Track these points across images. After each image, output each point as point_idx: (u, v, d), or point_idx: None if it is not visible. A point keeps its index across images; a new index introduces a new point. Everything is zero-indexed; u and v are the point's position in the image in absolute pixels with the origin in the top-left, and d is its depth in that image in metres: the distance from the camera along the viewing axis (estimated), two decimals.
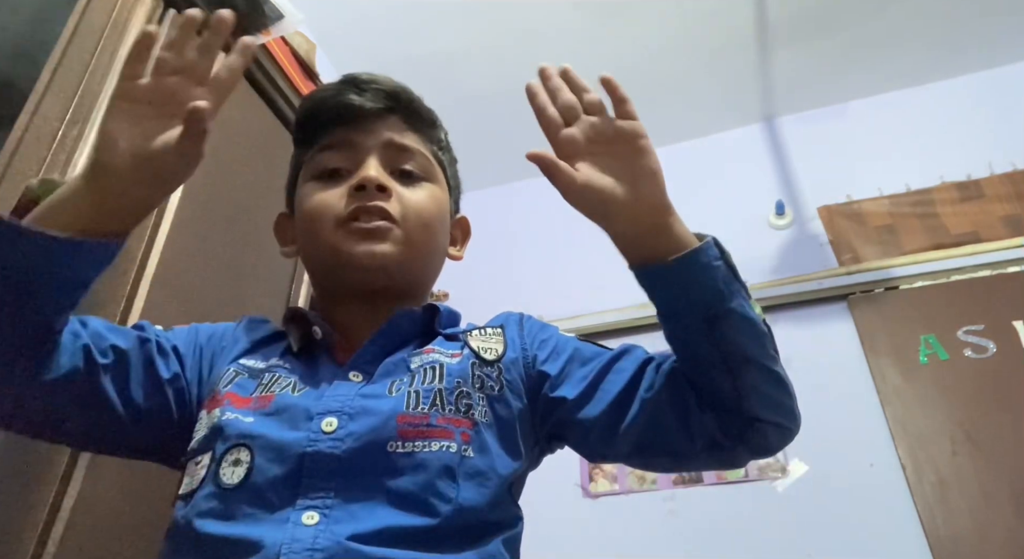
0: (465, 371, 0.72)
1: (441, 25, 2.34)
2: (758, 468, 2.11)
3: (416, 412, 0.66)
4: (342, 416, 0.65)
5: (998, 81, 2.51)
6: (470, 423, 0.68)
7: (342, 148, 0.80)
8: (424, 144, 0.84)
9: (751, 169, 2.68)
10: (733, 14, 2.33)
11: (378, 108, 0.81)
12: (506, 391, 0.74)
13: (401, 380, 0.70)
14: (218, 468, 0.64)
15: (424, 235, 0.79)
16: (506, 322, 0.83)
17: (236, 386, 0.71)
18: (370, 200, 0.75)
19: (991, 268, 2.18)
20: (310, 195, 0.79)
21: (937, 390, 2.05)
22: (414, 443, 0.64)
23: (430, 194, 0.81)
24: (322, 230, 0.76)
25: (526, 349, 0.79)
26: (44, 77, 0.98)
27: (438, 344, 0.77)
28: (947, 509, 1.88)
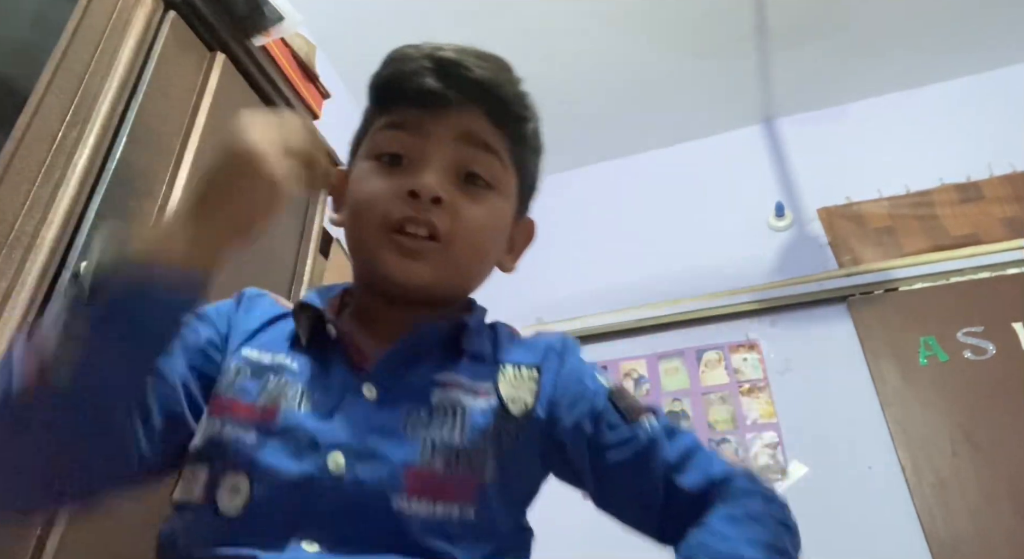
0: (487, 426, 0.66)
1: (441, 27, 2.34)
2: (758, 470, 2.11)
3: (428, 468, 0.62)
4: (350, 454, 0.61)
5: (997, 83, 2.52)
6: (477, 482, 0.63)
7: (409, 132, 0.71)
8: (504, 143, 0.73)
9: (751, 171, 2.68)
10: (733, 16, 2.34)
11: (462, 97, 0.70)
12: (520, 449, 0.68)
13: (418, 414, 0.65)
14: (215, 490, 0.61)
15: (470, 257, 0.71)
16: (544, 360, 0.73)
17: (238, 390, 0.66)
18: (422, 212, 0.67)
19: (991, 270, 2.18)
20: (364, 179, 0.72)
21: (937, 392, 2.05)
22: (420, 502, 0.60)
23: (490, 210, 0.72)
24: (366, 227, 0.69)
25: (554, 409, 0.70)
26: (44, 78, 0.98)
27: (464, 372, 0.69)
28: (947, 510, 1.88)
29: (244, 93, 1.40)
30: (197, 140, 1.21)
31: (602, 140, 2.83)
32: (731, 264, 2.48)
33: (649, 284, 2.53)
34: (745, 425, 2.20)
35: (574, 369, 0.74)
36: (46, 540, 0.84)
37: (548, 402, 0.70)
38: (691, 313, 2.43)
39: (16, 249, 0.88)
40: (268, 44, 1.46)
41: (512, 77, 0.75)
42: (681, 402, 2.31)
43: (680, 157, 2.82)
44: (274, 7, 1.38)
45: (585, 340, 2.50)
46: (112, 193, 1.03)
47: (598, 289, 2.59)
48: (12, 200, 0.90)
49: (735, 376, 2.30)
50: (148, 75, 1.15)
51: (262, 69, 1.44)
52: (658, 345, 2.44)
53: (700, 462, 0.69)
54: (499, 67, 0.74)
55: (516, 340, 0.77)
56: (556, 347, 0.75)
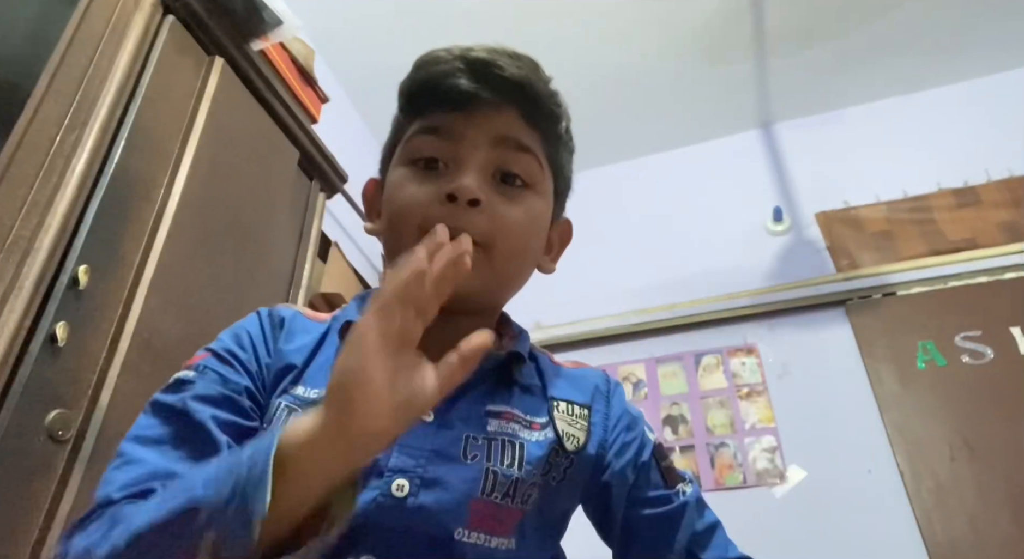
0: (543, 460, 0.66)
1: (439, 32, 2.34)
2: (756, 474, 2.11)
3: (490, 500, 0.62)
4: (414, 480, 0.60)
5: (995, 88, 2.52)
6: (522, 514, 0.64)
7: (444, 136, 0.69)
8: (539, 142, 0.72)
9: (749, 175, 2.68)
10: (731, 21, 2.34)
11: (495, 98, 0.69)
12: (564, 484, 0.68)
13: (475, 440, 0.65)
14: None
15: (511, 260, 0.70)
16: (593, 401, 0.74)
17: None
18: (460, 215, 0.65)
19: (988, 274, 2.18)
20: (401, 185, 0.70)
21: (935, 396, 2.05)
22: (479, 535, 0.61)
23: (528, 210, 0.71)
24: (405, 233, 0.67)
25: (603, 450, 0.72)
26: (43, 82, 0.98)
27: (517, 405, 0.69)
28: (945, 514, 1.88)
29: (243, 98, 1.40)
30: (195, 144, 1.21)
31: (601, 144, 2.83)
32: (729, 268, 2.48)
33: (647, 288, 2.54)
34: (744, 429, 2.20)
35: (624, 414, 0.76)
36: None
37: (598, 443, 0.72)
38: (689, 317, 2.43)
39: (13, 253, 0.88)
40: (267, 48, 1.46)
41: (544, 76, 0.73)
42: (680, 406, 2.31)
43: (679, 161, 2.82)
44: (273, 11, 1.38)
45: (584, 344, 2.50)
46: (110, 197, 1.03)
47: (597, 293, 2.59)
48: (10, 204, 0.90)
49: (733, 380, 2.30)
50: (146, 79, 1.15)
51: (261, 73, 1.44)
52: (657, 349, 2.44)
53: (721, 542, 0.73)
54: (531, 66, 0.72)
55: (562, 373, 0.77)
56: (603, 389, 0.76)
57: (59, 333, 0.89)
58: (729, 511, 2.33)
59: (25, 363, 0.85)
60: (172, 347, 1.08)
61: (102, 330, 0.98)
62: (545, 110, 0.73)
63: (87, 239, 0.97)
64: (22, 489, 0.84)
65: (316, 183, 1.64)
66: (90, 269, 0.96)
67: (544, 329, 2.56)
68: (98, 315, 0.98)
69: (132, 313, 1.02)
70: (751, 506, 2.06)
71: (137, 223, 1.08)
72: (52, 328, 0.89)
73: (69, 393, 0.91)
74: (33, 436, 0.86)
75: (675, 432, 2.27)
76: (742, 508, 2.05)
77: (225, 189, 1.29)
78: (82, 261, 0.95)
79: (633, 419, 0.76)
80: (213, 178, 1.25)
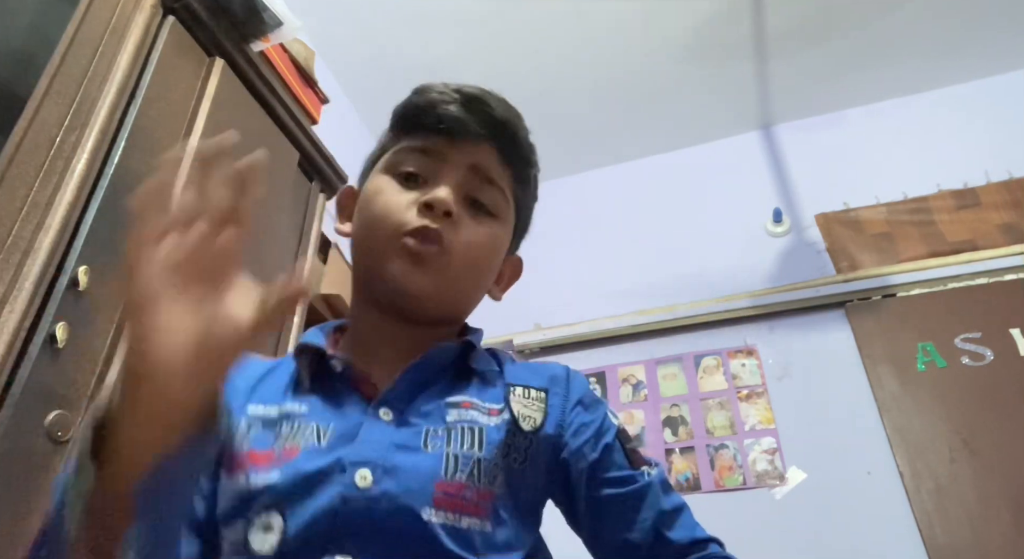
0: (502, 441, 0.70)
1: (438, 33, 2.35)
2: (756, 476, 2.11)
3: (454, 480, 0.64)
4: (376, 469, 0.63)
5: (994, 90, 2.53)
6: (492, 496, 0.67)
7: (428, 155, 0.77)
8: (508, 181, 0.80)
9: (749, 176, 2.68)
10: (731, 23, 2.34)
11: (479, 132, 0.77)
12: (527, 465, 0.71)
13: (435, 432, 0.68)
14: (247, 534, 0.62)
15: (467, 272, 0.76)
16: (551, 386, 0.78)
17: (253, 442, 0.67)
18: (433, 223, 0.72)
19: (988, 276, 2.18)
20: (380, 191, 0.76)
21: (935, 397, 2.05)
22: (447, 514, 0.63)
23: (490, 233, 0.78)
24: (379, 234, 0.74)
25: (561, 430, 0.75)
26: (42, 83, 0.98)
27: (475, 393, 0.73)
28: (945, 516, 1.88)
29: (243, 99, 1.40)
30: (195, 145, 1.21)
31: (601, 145, 2.83)
32: (729, 270, 2.48)
33: (647, 289, 2.54)
34: (743, 431, 2.20)
35: (584, 397, 0.79)
36: None
37: (556, 423, 0.75)
38: (689, 318, 2.43)
39: (13, 254, 0.88)
40: (267, 49, 1.46)
41: (525, 125, 0.82)
42: (679, 408, 2.31)
43: (679, 163, 2.82)
44: (273, 13, 1.38)
45: (583, 345, 2.50)
46: (110, 198, 1.03)
47: (596, 294, 2.59)
48: (10, 204, 0.90)
49: (733, 382, 2.30)
50: (147, 80, 1.15)
51: (261, 74, 1.44)
52: (656, 350, 2.44)
53: (687, 521, 0.75)
54: (516, 113, 0.81)
55: (519, 364, 0.81)
56: (561, 376, 0.80)
57: (59, 334, 0.89)
58: (729, 513, 2.33)
59: (25, 364, 0.85)
60: None
61: (102, 330, 0.98)
62: (521, 153, 0.81)
63: (87, 240, 0.97)
64: (21, 490, 0.84)
65: (316, 184, 1.64)
66: (90, 269, 0.96)
67: (544, 330, 2.56)
68: (98, 315, 0.97)
69: None
70: (751, 508, 2.06)
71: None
72: (52, 329, 0.89)
73: (69, 394, 0.91)
74: (32, 437, 0.86)
75: (675, 433, 2.27)
76: (742, 510, 2.05)
77: None
78: (82, 261, 0.95)
79: (594, 402, 0.79)
80: None
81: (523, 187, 0.83)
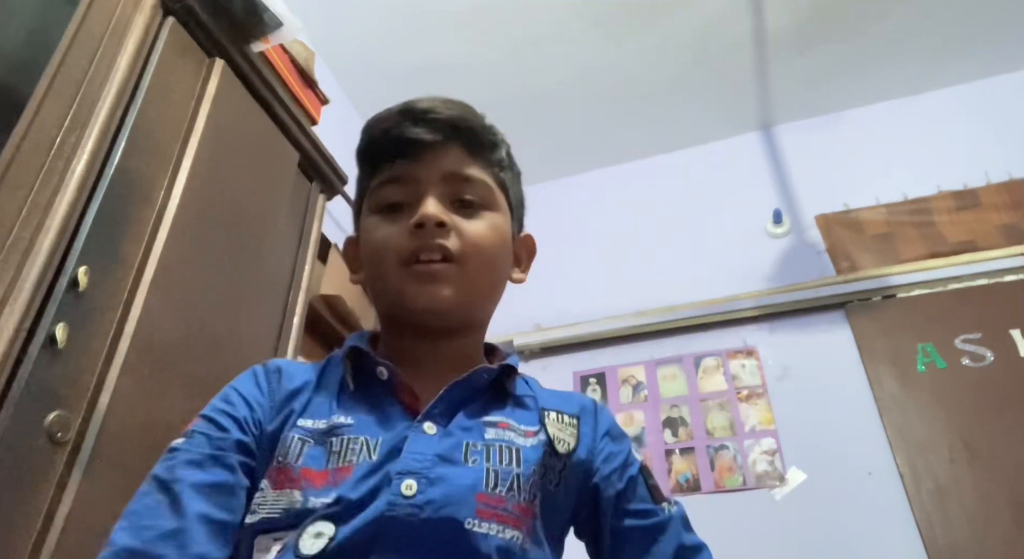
0: (539, 460, 0.71)
1: (440, 34, 2.35)
2: (756, 476, 2.11)
3: (495, 494, 0.66)
4: (421, 480, 0.65)
5: (994, 91, 2.53)
6: (532, 514, 0.68)
7: (402, 182, 0.78)
8: (485, 170, 0.81)
9: (749, 177, 2.68)
10: (731, 24, 2.35)
11: (436, 139, 0.78)
12: (561, 488, 0.73)
13: (475, 447, 0.70)
14: (298, 539, 0.63)
15: (484, 270, 0.78)
16: (581, 414, 0.80)
17: (308, 458, 0.69)
18: (431, 238, 0.74)
19: (988, 277, 2.18)
20: (374, 230, 0.78)
21: (935, 398, 2.05)
22: (489, 524, 0.64)
23: (490, 224, 0.79)
24: (387, 268, 0.76)
25: (592, 457, 0.77)
26: (42, 84, 0.98)
27: (511, 415, 0.75)
28: (945, 517, 1.88)
29: (243, 99, 1.40)
30: (195, 146, 1.21)
31: (600, 146, 2.83)
32: (729, 270, 2.48)
33: (647, 290, 2.54)
34: (743, 432, 2.20)
35: (611, 428, 0.82)
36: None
37: (587, 449, 0.77)
38: (689, 319, 2.43)
39: (13, 255, 0.88)
40: (267, 50, 1.46)
41: (477, 113, 0.83)
42: (679, 408, 2.31)
43: (679, 164, 2.82)
44: (273, 14, 1.38)
45: (584, 346, 2.50)
46: (110, 199, 1.03)
47: (596, 295, 2.59)
48: (10, 205, 0.90)
49: (733, 383, 2.30)
50: (147, 81, 1.15)
51: (261, 75, 1.44)
52: (656, 351, 2.44)
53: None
54: (463, 107, 0.82)
55: (549, 391, 0.84)
56: (590, 407, 0.82)
57: (59, 334, 0.89)
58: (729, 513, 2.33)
59: (24, 364, 0.85)
60: (172, 348, 1.08)
61: (102, 331, 0.98)
62: (484, 141, 0.82)
63: (87, 240, 0.97)
64: (21, 491, 0.84)
65: (316, 185, 1.64)
66: (90, 270, 0.96)
67: (544, 331, 2.56)
68: (98, 316, 0.97)
69: (132, 314, 1.02)
70: (751, 508, 2.06)
71: (137, 224, 1.08)
72: (52, 329, 0.89)
73: (68, 395, 0.91)
74: (32, 438, 0.86)
75: (675, 434, 2.27)
76: (742, 510, 2.05)
77: (225, 190, 1.29)
78: (82, 262, 0.95)
79: (620, 435, 0.82)
80: (213, 179, 1.25)
81: (500, 170, 0.84)
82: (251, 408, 0.73)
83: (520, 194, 0.89)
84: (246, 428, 0.71)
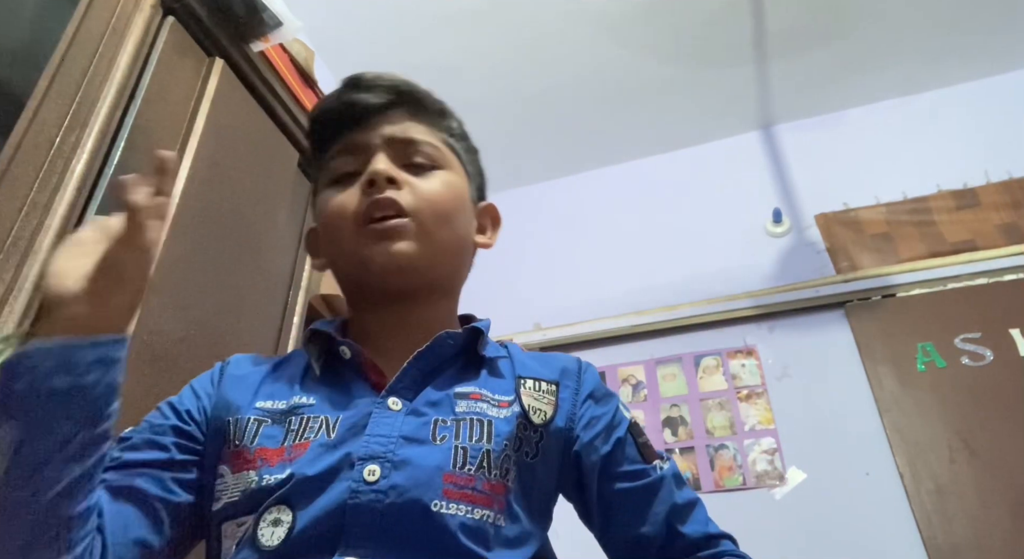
0: (512, 433, 0.69)
1: (439, 33, 2.35)
2: (756, 476, 2.11)
3: (463, 473, 0.64)
4: (385, 464, 0.63)
5: (994, 90, 2.52)
6: (505, 489, 0.66)
7: (351, 151, 0.78)
8: (432, 134, 0.81)
9: (749, 177, 2.68)
10: (731, 23, 2.34)
11: (380, 103, 0.79)
12: (539, 459, 0.71)
13: (444, 422, 0.67)
14: (256, 529, 0.62)
15: (441, 224, 0.76)
16: (562, 378, 0.77)
17: (263, 438, 0.67)
18: (381, 193, 0.73)
19: (988, 276, 2.18)
20: (327, 201, 0.78)
21: (935, 398, 2.05)
22: (458, 505, 0.62)
23: (443, 181, 0.78)
24: (342, 234, 0.75)
25: (572, 424, 0.74)
26: (42, 83, 0.98)
27: (485, 384, 0.73)
28: (945, 517, 1.88)
29: (243, 99, 1.40)
30: (195, 146, 1.21)
31: (601, 146, 2.83)
32: (729, 270, 2.48)
33: (647, 290, 2.54)
34: (743, 431, 2.20)
35: (596, 390, 0.78)
36: None
37: (566, 417, 0.74)
38: (689, 319, 2.43)
39: (13, 255, 0.88)
40: (267, 50, 1.46)
41: (419, 85, 0.84)
42: (679, 408, 2.31)
43: (678, 163, 2.82)
44: (273, 13, 1.38)
45: (583, 345, 2.50)
46: (110, 198, 1.02)
47: (596, 295, 2.59)
48: (9, 205, 0.90)
49: (733, 382, 2.30)
50: (146, 80, 1.15)
51: (261, 75, 1.44)
52: (656, 351, 2.44)
53: (701, 516, 0.75)
54: (403, 77, 0.83)
55: (530, 355, 0.81)
56: (572, 369, 0.79)
57: None
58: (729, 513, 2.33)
59: None
60: (172, 348, 1.08)
61: None
62: (429, 106, 0.82)
63: None
64: None
65: None
66: None
67: (544, 330, 2.56)
68: None
69: None
70: (751, 508, 2.06)
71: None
72: None
73: None
74: None
75: (675, 434, 2.27)
76: (742, 510, 2.05)
77: (225, 190, 1.29)
78: None
79: (606, 395, 0.79)
80: (213, 179, 1.25)
81: (451, 135, 0.84)
82: (198, 398, 0.74)
83: (478, 166, 0.88)
84: (184, 416, 0.72)
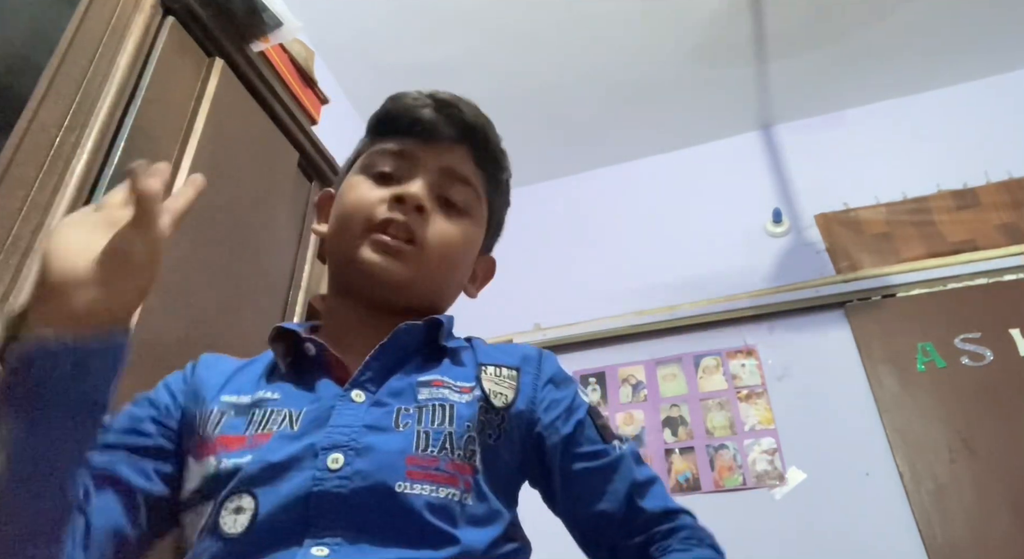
0: (474, 416, 0.70)
1: (439, 33, 2.35)
2: (756, 476, 2.11)
3: (426, 455, 0.65)
4: (348, 452, 0.63)
5: (994, 89, 2.52)
6: (471, 470, 0.67)
7: (402, 157, 0.80)
8: (480, 181, 0.83)
9: (749, 177, 2.68)
10: (731, 23, 2.34)
11: (451, 133, 0.81)
12: (502, 442, 0.72)
13: (407, 411, 0.68)
14: (217, 517, 0.62)
15: (440, 266, 0.79)
16: (523, 365, 0.79)
17: (226, 427, 0.68)
18: (404, 216, 0.75)
19: (987, 276, 2.18)
20: (355, 187, 0.80)
21: (934, 398, 2.05)
22: (422, 485, 0.63)
23: (464, 230, 0.81)
24: (351, 228, 0.77)
25: (533, 407, 0.76)
26: (42, 84, 0.98)
27: (446, 372, 0.75)
28: (945, 517, 1.88)
29: (243, 99, 1.40)
30: (195, 146, 1.21)
31: (600, 146, 2.83)
32: (729, 270, 2.48)
33: (647, 289, 2.54)
34: (743, 431, 2.20)
35: (555, 375, 0.81)
36: None
37: (527, 400, 0.76)
38: (689, 319, 2.43)
39: (13, 255, 0.88)
40: (267, 50, 1.46)
41: (496, 131, 0.85)
42: (679, 408, 2.31)
43: (678, 163, 2.82)
44: (273, 13, 1.38)
45: (583, 346, 2.50)
46: None
47: (596, 295, 2.59)
48: (9, 205, 0.90)
49: (733, 382, 2.30)
50: (146, 81, 1.15)
51: (261, 75, 1.44)
52: (656, 351, 2.44)
53: (659, 492, 0.76)
54: (486, 119, 0.84)
55: (493, 346, 0.83)
56: (533, 356, 0.81)
57: None
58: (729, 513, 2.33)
59: None
60: (172, 348, 1.08)
61: None
62: (492, 155, 0.84)
63: None
64: None
65: (316, 184, 1.64)
66: None
67: (544, 330, 2.56)
68: None
69: None
70: (751, 508, 2.06)
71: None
72: None
73: None
74: None
75: (674, 434, 2.27)
76: (742, 510, 2.05)
77: (225, 190, 1.29)
78: None
79: (564, 380, 0.81)
80: (213, 179, 1.25)
81: (495, 189, 0.86)
82: (172, 395, 0.75)
83: (501, 221, 0.91)
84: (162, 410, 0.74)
